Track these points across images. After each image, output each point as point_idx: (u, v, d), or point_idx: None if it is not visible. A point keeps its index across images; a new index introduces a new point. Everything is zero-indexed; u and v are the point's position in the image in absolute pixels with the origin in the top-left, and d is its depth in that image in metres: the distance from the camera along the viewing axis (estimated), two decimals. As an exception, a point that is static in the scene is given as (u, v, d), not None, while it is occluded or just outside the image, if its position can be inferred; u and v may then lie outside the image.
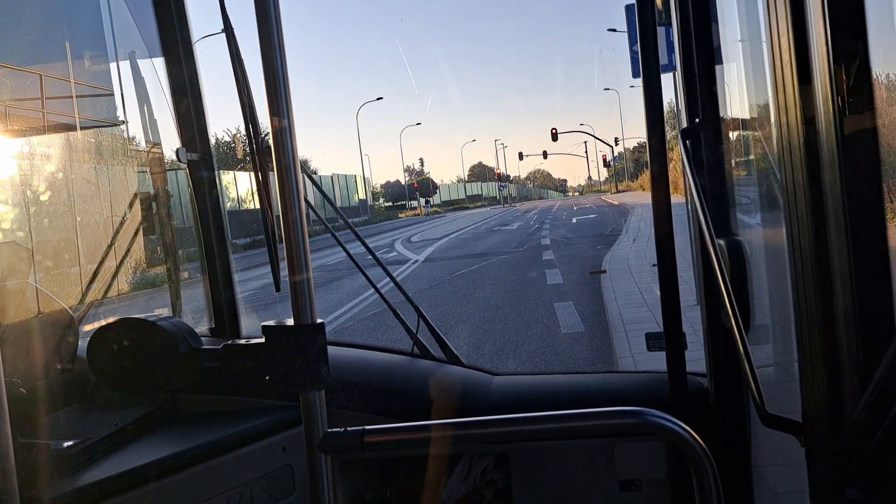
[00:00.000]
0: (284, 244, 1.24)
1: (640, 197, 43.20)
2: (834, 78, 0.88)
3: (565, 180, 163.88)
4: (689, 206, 1.70)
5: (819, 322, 0.99)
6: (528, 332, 8.37)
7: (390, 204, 78.28)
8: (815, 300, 0.99)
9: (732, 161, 1.75)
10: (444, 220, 42.86)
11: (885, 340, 0.88)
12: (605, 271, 12.20)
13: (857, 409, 0.87)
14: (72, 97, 2.30)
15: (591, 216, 31.27)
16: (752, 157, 1.87)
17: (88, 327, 1.96)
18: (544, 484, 1.81)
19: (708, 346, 1.74)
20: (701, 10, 1.64)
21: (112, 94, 2.38)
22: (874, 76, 0.90)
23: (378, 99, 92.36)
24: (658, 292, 1.71)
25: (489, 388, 1.95)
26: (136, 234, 2.19)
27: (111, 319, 1.42)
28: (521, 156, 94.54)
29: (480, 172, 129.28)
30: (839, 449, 0.95)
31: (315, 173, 54.23)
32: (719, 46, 1.68)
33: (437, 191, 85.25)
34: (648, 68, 1.63)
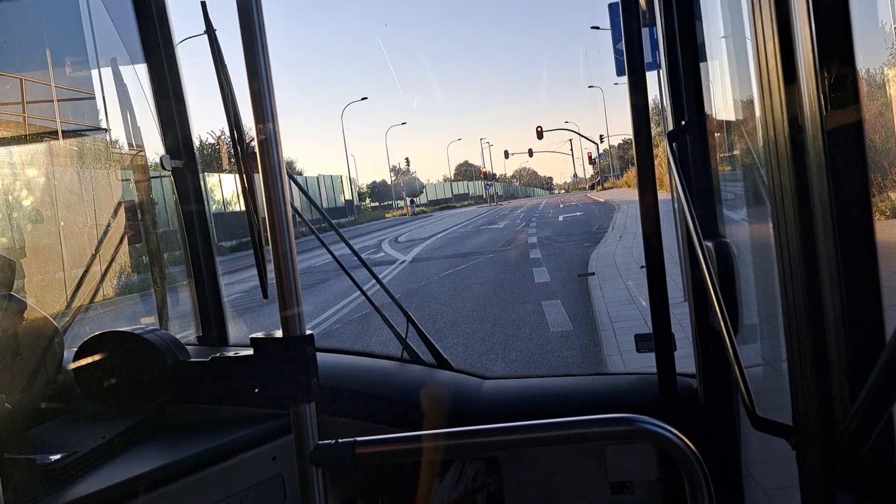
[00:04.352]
0: (271, 251, 1.23)
1: (625, 194, 43.34)
2: (820, 78, 0.88)
3: (551, 178, 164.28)
4: (677, 208, 1.70)
5: (808, 324, 0.99)
6: (516, 331, 8.35)
7: (377, 204, 77.98)
8: (803, 301, 0.99)
9: (719, 162, 1.75)
10: (431, 220, 42.75)
11: (874, 342, 0.88)
12: (593, 273, 12.23)
13: (850, 413, 0.87)
14: (54, 102, 2.27)
15: (578, 214, 31.27)
16: (739, 158, 1.87)
17: (74, 338, 1.93)
18: (536, 487, 1.81)
19: (697, 348, 1.75)
20: (685, 10, 1.64)
21: (94, 99, 2.35)
22: (860, 75, 0.90)
23: (363, 99, 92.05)
24: (645, 295, 1.71)
25: (479, 393, 1.94)
26: (120, 242, 2.16)
27: (97, 332, 1.40)
28: (506, 154, 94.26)
29: (466, 171, 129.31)
30: (830, 453, 0.95)
31: (300, 174, 53.91)
32: (704, 46, 1.68)
33: (424, 190, 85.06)
34: (634, 69, 1.63)
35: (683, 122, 1.67)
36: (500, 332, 8.37)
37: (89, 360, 1.38)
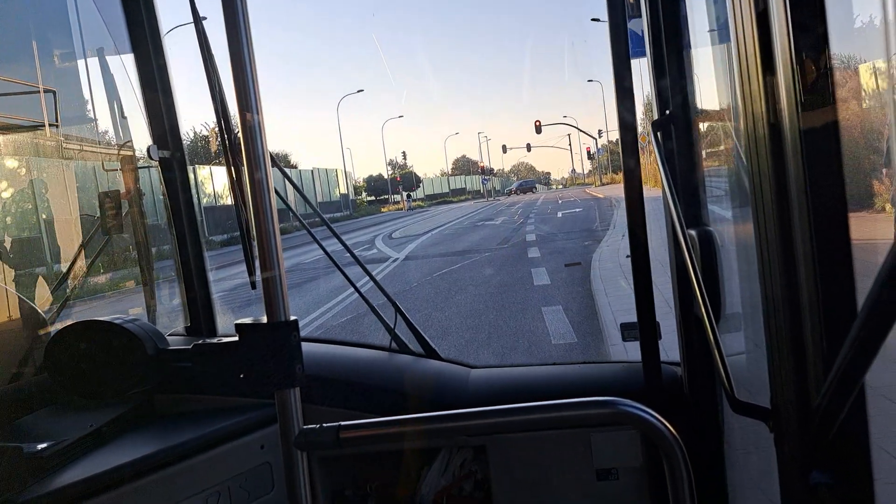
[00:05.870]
0: (256, 241, 1.23)
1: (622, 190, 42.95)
2: (796, 70, 0.89)
3: (549, 173, 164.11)
4: (663, 197, 1.71)
5: (785, 309, 1.00)
6: (514, 343, 7.72)
7: (373, 198, 77.85)
8: (780, 288, 1.00)
9: (703, 152, 1.76)
10: (426, 215, 42.53)
11: (847, 326, 0.90)
12: (579, 263, 11.98)
13: (820, 394, 0.88)
14: (40, 93, 2.26)
15: (577, 210, 30.85)
16: (722, 147, 1.88)
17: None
18: (522, 475, 1.82)
19: (681, 336, 1.76)
20: (670, 1, 1.64)
21: (81, 92, 2.35)
22: (836, 67, 0.91)
23: (359, 91, 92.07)
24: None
25: (467, 381, 1.95)
26: (108, 234, 2.16)
27: (73, 322, 1.40)
28: (504, 148, 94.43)
29: (464, 166, 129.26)
30: (805, 433, 0.97)
31: (295, 167, 53.69)
32: (689, 37, 1.69)
33: (421, 184, 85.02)
34: (619, 60, 1.64)
35: (668, 112, 1.68)
36: (496, 344, 7.76)
37: (63, 349, 1.37)
